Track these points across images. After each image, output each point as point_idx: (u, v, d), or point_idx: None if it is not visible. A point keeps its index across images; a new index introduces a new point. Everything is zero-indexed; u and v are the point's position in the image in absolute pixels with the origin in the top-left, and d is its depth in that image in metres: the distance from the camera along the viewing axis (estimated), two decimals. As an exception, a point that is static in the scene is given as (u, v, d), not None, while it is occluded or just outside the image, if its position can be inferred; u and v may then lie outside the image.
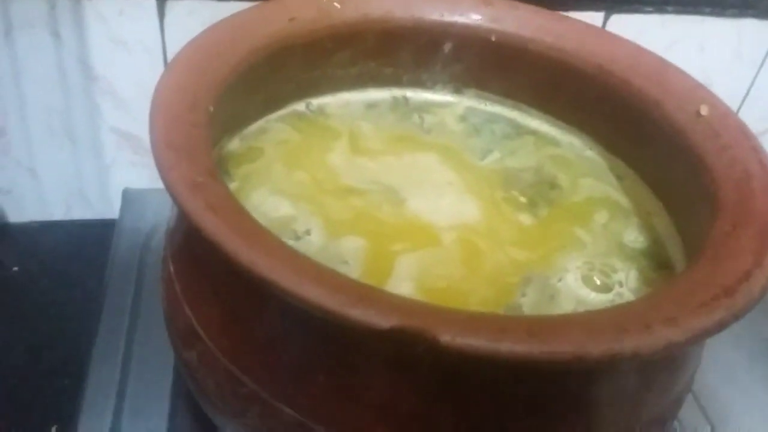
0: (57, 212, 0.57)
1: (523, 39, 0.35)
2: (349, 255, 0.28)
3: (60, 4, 0.48)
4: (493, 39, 0.36)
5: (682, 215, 0.30)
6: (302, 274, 0.19)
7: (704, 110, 0.29)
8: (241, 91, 0.31)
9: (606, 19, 0.56)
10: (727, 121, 0.29)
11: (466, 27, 0.36)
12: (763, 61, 0.62)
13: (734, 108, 0.63)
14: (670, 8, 0.57)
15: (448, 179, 0.34)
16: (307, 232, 0.29)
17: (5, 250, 0.54)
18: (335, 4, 0.34)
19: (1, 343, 0.48)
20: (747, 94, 0.64)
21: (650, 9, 0.56)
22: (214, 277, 0.24)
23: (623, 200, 0.34)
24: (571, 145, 0.37)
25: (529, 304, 0.28)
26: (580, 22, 0.35)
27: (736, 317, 0.20)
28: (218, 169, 0.24)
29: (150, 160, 0.55)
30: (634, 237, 0.32)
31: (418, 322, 0.18)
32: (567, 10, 0.54)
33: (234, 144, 0.33)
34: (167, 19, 0.49)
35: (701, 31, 0.58)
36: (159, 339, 0.37)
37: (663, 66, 0.32)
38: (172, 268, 0.27)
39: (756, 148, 0.28)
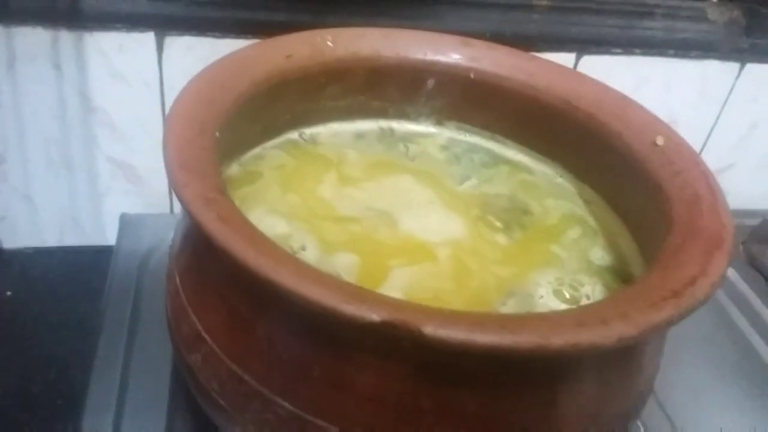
0: (50, 238, 0.60)
1: (499, 77, 0.39)
2: (343, 269, 0.31)
3: (62, 37, 0.51)
4: (472, 76, 0.39)
5: (642, 234, 0.34)
6: (303, 276, 0.22)
7: (660, 140, 0.33)
8: (242, 121, 0.34)
9: (577, 59, 0.61)
10: (680, 150, 0.33)
11: (447, 65, 0.40)
12: (726, 100, 0.66)
13: (699, 144, 0.68)
14: (637, 50, 0.61)
15: (430, 200, 0.37)
16: (303, 248, 0.32)
17: (-1, 275, 0.56)
18: (328, 43, 0.38)
19: (-3, 367, 0.50)
20: (711, 131, 0.68)
21: (618, 51, 0.61)
22: (220, 285, 0.27)
23: (591, 221, 0.38)
24: (543, 173, 0.41)
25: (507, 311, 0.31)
26: (550, 62, 0.39)
27: (682, 316, 0.24)
28: (225, 187, 0.27)
29: (142, 189, 0.59)
30: (600, 255, 0.36)
31: (404, 316, 0.21)
32: (541, 51, 0.59)
33: (233, 169, 0.37)
34: (165, 54, 0.53)
35: (667, 72, 0.63)
36: (157, 352, 0.40)
37: (624, 102, 0.36)
38: (178, 282, 0.29)
39: (705, 173, 0.31)
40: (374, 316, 0.21)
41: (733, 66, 0.64)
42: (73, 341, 0.51)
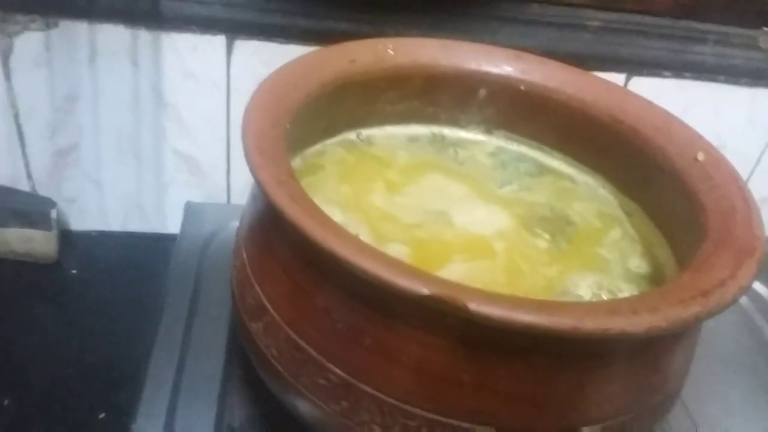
0: (115, 223, 0.64)
1: (548, 89, 0.41)
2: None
3: (141, 36, 0.54)
4: (522, 88, 0.42)
5: (679, 245, 0.36)
6: (363, 252, 0.25)
7: (701, 156, 0.35)
8: (308, 118, 0.37)
9: (627, 80, 0.62)
10: (719, 165, 0.35)
11: (499, 77, 0.42)
12: (776, 126, 0.67)
13: (747, 171, 0.69)
14: (687, 74, 0.63)
15: (471, 198, 0.40)
16: (357, 235, 0.35)
17: (66, 255, 0.60)
18: (389, 50, 0.41)
19: (57, 336, 0.53)
20: (759, 158, 0.69)
21: (669, 74, 0.62)
22: (284, 259, 0.30)
23: (631, 231, 0.40)
24: (586, 184, 0.43)
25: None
26: (598, 77, 0.42)
27: (710, 314, 0.26)
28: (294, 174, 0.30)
29: (203, 180, 0.62)
30: (638, 263, 0.38)
31: (452, 292, 0.24)
32: (591, 70, 0.60)
33: (296, 161, 0.40)
34: (234, 57, 0.56)
35: (716, 97, 0.64)
36: (215, 331, 0.43)
37: (667, 118, 0.38)
38: (245, 255, 0.33)
39: (742, 189, 0.33)
40: (424, 289, 0.24)
41: (783, 93, 0.65)
42: (130, 319, 0.54)
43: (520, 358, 0.26)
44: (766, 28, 0.63)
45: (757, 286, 0.56)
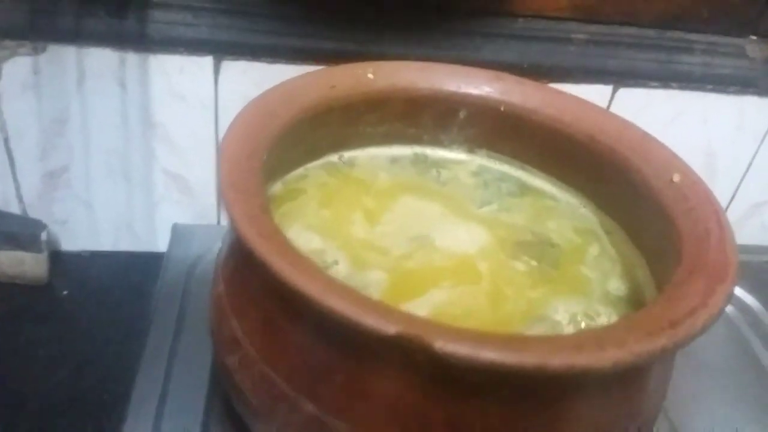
0: (106, 243, 0.64)
1: (527, 110, 0.41)
2: (372, 284, 0.34)
3: (129, 58, 0.55)
4: (502, 109, 0.42)
5: (657, 266, 0.36)
6: (330, 289, 0.25)
7: (677, 177, 0.35)
8: (288, 144, 0.37)
9: (614, 92, 0.62)
10: (695, 187, 0.35)
11: (479, 97, 0.42)
12: (765, 135, 0.67)
13: (737, 179, 0.69)
14: (674, 84, 0.63)
15: (450, 219, 0.40)
16: (335, 263, 0.35)
17: (57, 275, 0.60)
18: (369, 75, 0.41)
19: (48, 359, 0.53)
20: (749, 166, 0.69)
21: (656, 84, 0.62)
22: (258, 295, 0.30)
23: (611, 251, 0.40)
24: (567, 203, 0.43)
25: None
26: (577, 97, 0.42)
27: (678, 345, 0.26)
28: (269, 205, 0.30)
29: (193, 200, 0.63)
30: (617, 286, 0.38)
31: (417, 331, 0.24)
32: (578, 83, 0.61)
33: (277, 187, 0.40)
34: (221, 77, 0.56)
35: (704, 106, 0.64)
36: (199, 355, 0.43)
37: (645, 138, 0.38)
38: (222, 288, 0.33)
39: (717, 211, 0.33)
40: (389, 329, 0.24)
41: (772, 102, 0.65)
42: (124, 340, 0.54)
43: (490, 394, 0.26)
44: (753, 37, 0.63)
45: (746, 297, 0.56)
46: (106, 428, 0.48)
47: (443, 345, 0.24)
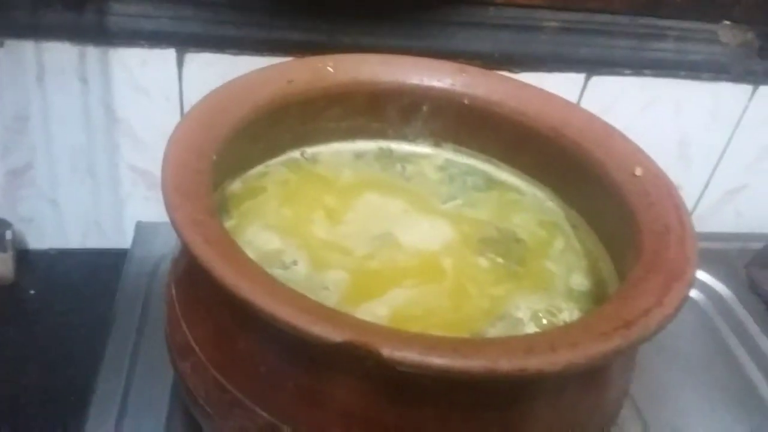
0: (74, 241, 0.63)
1: (491, 103, 0.41)
2: (332, 284, 0.33)
3: (89, 52, 0.54)
4: (466, 102, 0.41)
5: (620, 260, 0.35)
6: (276, 297, 0.25)
7: (639, 171, 0.35)
8: (244, 141, 0.37)
9: (587, 80, 0.62)
10: (657, 181, 0.34)
11: (442, 90, 0.42)
12: (738, 122, 0.67)
13: (711, 165, 0.69)
14: (647, 71, 0.62)
15: (413, 215, 0.40)
16: (294, 263, 0.34)
17: (24, 275, 0.59)
18: (329, 68, 0.40)
19: (17, 360, 0.53)
20: (723, 152, 0.69)
21: (628, 71, 0.62)
22: (207, 301, 0.29)
23: (576, 245, 0.39)
24: (534, 196, 0.43)
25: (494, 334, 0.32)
26: (541, 90, 0.41)
27: (631, 346, 0.25)
28: (217, 209, 0.29)
29: (161, 195, 0.61)
30: (580, 281, 0.37)
31: (365, 338, 0.24)
32: (551, 71, 0.60)
33: (236, 185, 0.39)
34: (185, 70, 0.55)
35: (678, 93, 0.64)
36: (161, 356, 0.42)
37: (609, 131, 0.38)
38: (174, 293, 0.32)
39: (677, 206, 0.33)
40: (337, 336, 0.24)
41: (745, 88, 0.64)
42: (92, 339, 0.53)
43: (442, 398, 0.26)
44: (726, 22, 0.63)
45: (716, 285, 0.56)
46: (73, 428, 0.48)
47: (391, 352, 0.23)
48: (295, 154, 0.43)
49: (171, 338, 0.32)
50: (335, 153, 0.44)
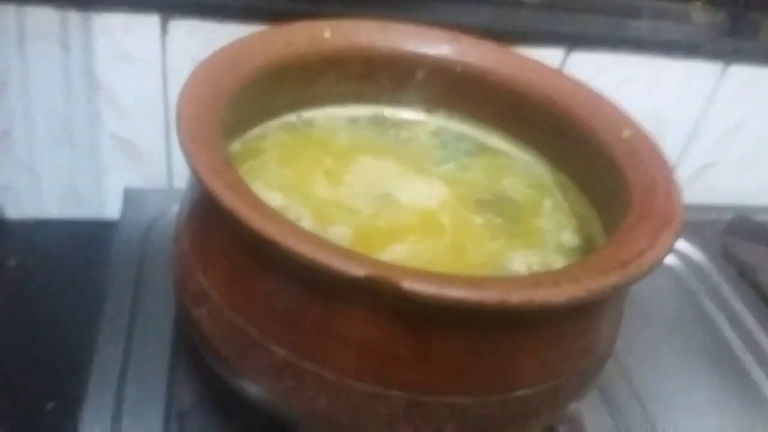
0: (53, 210, 0.64)
1: (482, 70, 0.43)
2: (336, 239, 0.36)
3: (71, 17, 0.54)
4: (459, 69, 0.44)
5: (608, 218, 0.39)
6: (300, 237, 0.27)
7: (626, 133, 0.38)
8: (244, 102, 0.38)
9: (566, 55, 0.65)
10: (643, 142, 0.38)
11: (436, 58, 0.44)
12: (710, 99, 0.71)
13: (683, 141, 0.73)
14: (624, 48, 0.66)
15: (409, 177, 0.42)
16: (298, 219, 0.37)
17: (2, 244, 0.60)
18: (326, 34, 0.42)
19: (1, 331, 0.54)
20: (695, 129, 0.73)
21: (606, 48, 0.65)
22: (225, 246, 0.31)
23: (565, 205, 0.42)
24: (524, 161, 0.46)
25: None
26: (531, 59, 0.44)
27: (628, 282, 0.29)
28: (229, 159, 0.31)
29: (142, 165, 0.63)
30: (570, 237, 0.40)
31: (386, 272, 0.26)
32: (531, 47, 0.63)
33: (235, 146, 0.41)
34: (169, 37, 0.57)
35: (652, 70, 0.67)
36: (160, 316, 0.44)
37: (596, 97, 0.41)
38: (186, 244, 0.34)
39: (663, 164, 0.36)
40: (359, 271, 0.26)
41: (716, 67, 0.69)
42: (74, 307, 0.55)
43: (453, 331, 0.28)
44: (698, 2, 0.67)
45: (694, 253, 0.60)
46: (62, 394, 0.49)
47: (411, 285, 0.26)
48: (292, 117, 0.45)
49: (183, 288, 0.34)
50: (330, 118, 0.46)
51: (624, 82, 0.67)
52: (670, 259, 0.60)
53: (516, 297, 0.26)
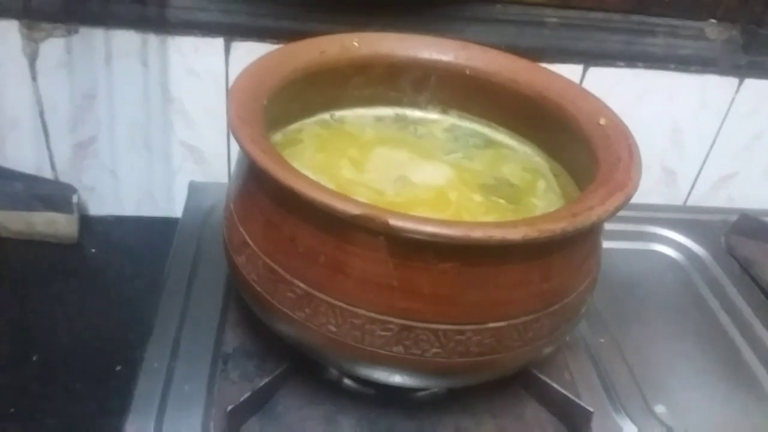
0: (129, 208, 0.74)
1: (488, 74, 0.52)
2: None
3: (150, 40, 0.65)
4: (468, 73, 0.52)
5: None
6: (313, 186, 0.36)
7: (602, 121, 0.45)
8: (285, 99, 0.48)
9: (584, 71, 0.72)
10: (616, 128, 0.45)
11: (448, 63, 0.53)
12: (727, 112, 0.76)
13: (703, 152, 0.78)
14: (640, 64, 0.72)
15: (421, 162, 0.50)
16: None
17: (86, 236, 0.70)
18: (354, 43, 0.51)
19: (79, 305, 0.64)
20: (714, 141, 0.78)
21: (622, 64, 0.72)
22: (260, 202, 0.41)
23: (557, 188, 0.50)
24: (524, 153, 0.53)
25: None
26: (529, 62, 0.52)
27: (576, 230, 0.36)
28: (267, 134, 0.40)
29: (206, 168, 0.73)
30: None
31: (376, 212, 0.34)
32: (551, 63, 0.70)
33: (277, 137, 0.50)
34: (231, 56, 0.67)
35: (669, 84, 0.73)
36: (214, 282, 0.53)
37: (582, 92, 0.48)
38: (232, 207, 0.43)
39: (630, 145, 0.43)
40: (355, 210, 0.34)
41: (732, 81, 0.74)
42: (143, 291, 0.64)
43: (435, 265, 0.36)
44: (712, 20, 0.73)
45: (696, 248, 0.65)
46: (129, 359, 0.58)
47: (395, 221, 0.34)
48: (326, 116, 0.54)
49: (229, 242, 0.43)
50: (359, 116, 0.55)
51: (643, 96, 0.73)
52: (673, 253, 0.65)
53: (478, 233, 0.34)
